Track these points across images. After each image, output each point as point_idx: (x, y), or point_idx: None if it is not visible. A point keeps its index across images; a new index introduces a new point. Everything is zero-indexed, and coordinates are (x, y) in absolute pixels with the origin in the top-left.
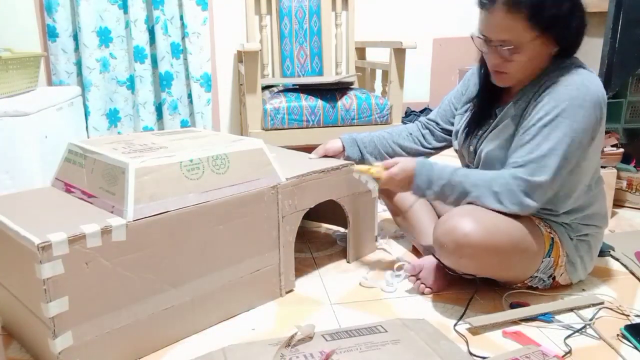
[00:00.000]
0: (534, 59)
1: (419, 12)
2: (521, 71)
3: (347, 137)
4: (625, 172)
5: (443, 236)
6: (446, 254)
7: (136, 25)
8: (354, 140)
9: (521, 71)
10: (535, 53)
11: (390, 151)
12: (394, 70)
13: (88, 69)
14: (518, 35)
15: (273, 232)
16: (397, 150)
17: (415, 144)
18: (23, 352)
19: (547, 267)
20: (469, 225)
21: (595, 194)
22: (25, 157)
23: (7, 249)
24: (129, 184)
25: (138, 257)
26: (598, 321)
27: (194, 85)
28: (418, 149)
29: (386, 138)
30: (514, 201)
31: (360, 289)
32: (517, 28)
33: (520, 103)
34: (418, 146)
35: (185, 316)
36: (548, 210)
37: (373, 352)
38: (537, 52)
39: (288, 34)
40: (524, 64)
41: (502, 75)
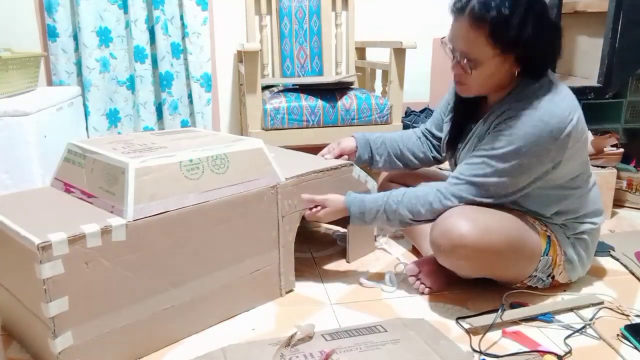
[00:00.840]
0: (493, 76)
1: (419, 12)
2: (481, 85)
3: (360, 137)
4: (625, 172)
5: (439, 238)
6: (443, 256)
7: (136, 25)
8: (367, 140)
9: (481, 85)
10: (494, 70)
11: (399, 154)
12: (394, 70)
13: (88, 68)
14: (478, 50)
15: (273, 232)
16: (405, 155)
17: (424, 151)
18: (23, 352)
19: (546, 266)
20: (464, 226)
21: (585, 195)
22: (25, 157)
23: (7, 249)
24: (128, 184)
25: (138, 257)
26: (598, 321)
27: (194, 85)
28: (427, 156)
29: (397, 141)
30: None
31: (360, 289)
32: (477, 42)
33: (488, 122)
34: (427, 152)
35: (185, 316)
36: (535, 212)
37: (373, 352)
38: (496, 69)
39: (288, 34)
40: (483, 78)
41: (463, 86)
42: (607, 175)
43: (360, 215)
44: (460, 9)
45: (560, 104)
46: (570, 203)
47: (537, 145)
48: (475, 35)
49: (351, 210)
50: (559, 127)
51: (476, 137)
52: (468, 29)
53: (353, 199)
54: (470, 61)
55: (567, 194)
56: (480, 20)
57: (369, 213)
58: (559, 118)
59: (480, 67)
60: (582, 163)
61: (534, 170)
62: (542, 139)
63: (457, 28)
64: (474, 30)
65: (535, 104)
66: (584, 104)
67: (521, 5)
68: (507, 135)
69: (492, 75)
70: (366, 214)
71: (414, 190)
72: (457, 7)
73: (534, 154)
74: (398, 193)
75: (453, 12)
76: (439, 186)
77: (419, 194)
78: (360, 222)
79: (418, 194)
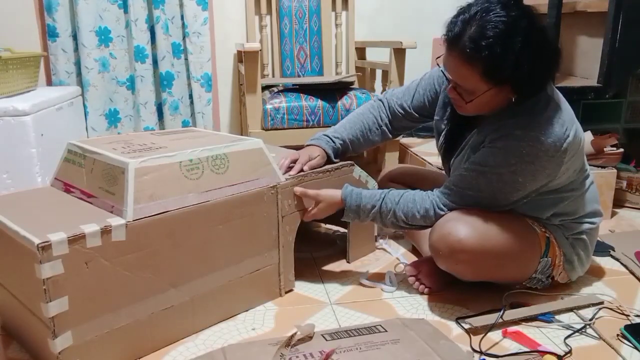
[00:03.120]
0: (490, 103)
1: (419, 12)
2: (477, 110)
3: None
4: (625, 172)
5: (438, 242)
6: (442, 260)
7: (137, 25)
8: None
9: (477, 110)
10: (490, 99)
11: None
12: (394, 70)
13: (86, 68)
14: (472, 85)
15: (273, 232)
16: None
17: (384, 136)
18: (23, 352)
19: (545, 267)
20: (463, 231)
21: (582, 195)
22: (25, 157)
23: (7, 249)
24: (128, 183)
25: (138, 257)
26: (598, 321)
27: (194, 85)
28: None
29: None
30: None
31: (360, 289)
32: (471, 79)
33: (482, 134)
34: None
35: (185, 316)
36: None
37: (373, 352)
38: (492, 98)
39: (288, 34)
40: (479, 106)
41: (460, 107)
42: (607, 175)
43: (355, 209)
44: (453, 42)
45: (556, 121)
46: (566, 205)
47: (533, 164)
48: (468, 72)
49: (347, 202)
50: (555, 145)
51: (469, 148)
52: (460, 65)
53: (350, 192)
54: (465, 91)
55: (563, 196)
56: (473, 59)
57: (364, 208)
58: (556, 136)
59: (475, 97)
60: (577, 170)
61: (528, 187)
62: (538, 158)
63: (450, 60)
64: (466, 66)
65: (532, 122)
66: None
67: (516, 41)
68: (502, 151)
69: (487, 103)
70: (361, 208)
71: (412, 194)
72: (450, 38)
73: (529, 172)
74: (395, 193)
75: (446, 41)
76: (435, 194)
77: (417, 198)
78: (354, 216)
79: (415, 198)
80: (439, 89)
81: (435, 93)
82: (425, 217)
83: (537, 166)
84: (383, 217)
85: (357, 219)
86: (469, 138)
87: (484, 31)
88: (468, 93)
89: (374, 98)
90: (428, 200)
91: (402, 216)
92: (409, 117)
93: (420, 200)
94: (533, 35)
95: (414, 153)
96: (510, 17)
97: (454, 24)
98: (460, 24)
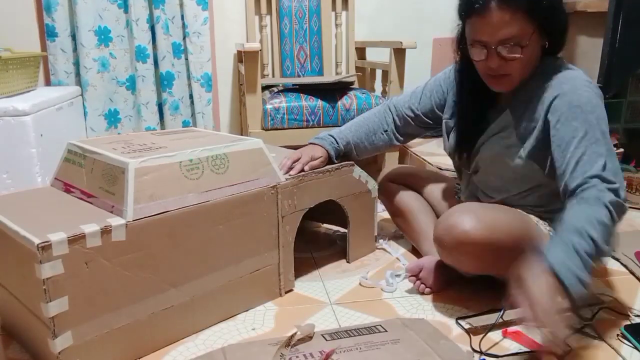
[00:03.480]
0: (532, 57)
1: (419, 12)
2: (522, 70)
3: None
4: (625, 172)
5: (443, 234)
6: (447, 252)
7: (138, 25)
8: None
9: (522, 70)
10: (535, 48)
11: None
12: (394, 70)
13: (85, 68)
14: (519, 30)
15: (273, 232)
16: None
17: (390, 141)
18: (23, 352)
19: None
20: (469, 223)
21: None
22: (25, 157)
23: (7, 249)
24: (128, 183)
25: (138, 257)
26: (598, 321)
27: (194, 85)
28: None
29: (363, 140)
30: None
31: (360, 289)
32: (517, 23)
33: (517, 109)
34: (392, 142)
35: (185, 316)
36: (539, 208)
37: (373, 352)
38: (534, 48)
39: (288, 34)
40: (525, 61)
41: (503, 78)
42: None
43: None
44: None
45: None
46: None
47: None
48: (514, 17)
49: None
50: (597, 89)
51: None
52: (502, 15)
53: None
54: (511, 46)
55: None
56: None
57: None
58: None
59: (524, 47)
60: None
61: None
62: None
63: (488, 19)
64: (510, 12)
65: (570, 73)
66: None
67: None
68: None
69: (532, 56)
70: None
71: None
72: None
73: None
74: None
75: (473, 11)
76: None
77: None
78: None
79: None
80: (447, 89)
81: (442, 94)
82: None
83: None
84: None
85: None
86: (499, 120)
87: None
88: (515, 47)
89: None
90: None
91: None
92: (417, 121)
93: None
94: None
95: (414, 153)
96: None
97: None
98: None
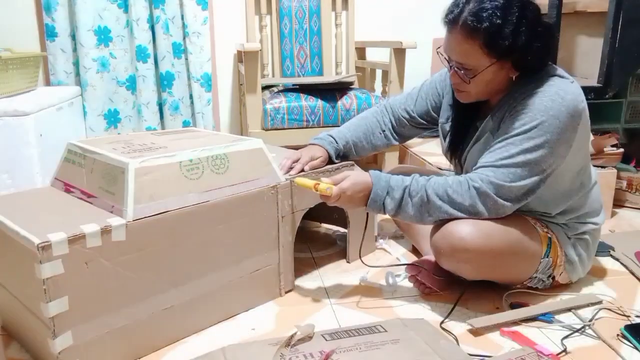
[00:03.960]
0: (492, 81)
1: (419, 12)
2: (479, 91)
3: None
4: (625, 172)
5: (440, 240)
6: (443, 259)
7: (138, 25)
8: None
9: (479, 91)
10: (492, 76)
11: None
12: (394, 70)
13: (84, 68)
14: (474, 60)
15: (273, 232)
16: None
17: (387, 141)
18: (23, 352)
19: (546, 267)
20: (465, 229)
21: (588, 193)
22: (25, 157)
23: (7, 249)
24: (128, 183)
25: (138, 257)
26: (598, 321)
27: (194, 85)
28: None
29: (362, 140)
30: (490, 203)
31: (360, 289)
32: (473, 53)
33: (498, 116)
34: (390, 142)
35: (185, 316)
36: (541, 212)
37: (373, 352)
38: (494, 75)
39: (288, 34)
40: (482, 85)
41: (462, 93)
42: (607, 175)
43: (382, 190)
44: (453, 21)
45: (570, 84)
46: (574, 202)
47: (557, 119)
48: (470, 47)
49: (375, 183)
50: (574, 103)
51: (488, 131)
52: (462, 41)
53: (378, 174)
54: (467, 70)
55: (572, 190)
56: (474, 32)
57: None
58: (573, 95)
59: (478, 76)
60: (582, 163)
61: (555, 149)
62: (560, 113)
63: (451, 40)
64: (468, 41)
65: (547, 83)
66: None
67: (513, 13)
68: (526, 112)
69: (490, 81)
70: (391, 189)
71: (439, 177)
72: (449, 19)
73: (555, 128)
74: (421, 178)
75: (446, 23)
76: (467, 175)
77: (447, 180)
78: (380, 201)
79: (447, 180)
80: (442, 92)
81: (437, 97)
82: (457, 192)
83: (560, 122)
84: (413, 199)
85: (381, 207)
86: (483, 125)
87: (482, 4)
88: (470, 72)
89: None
90: (460, 178)
91: (433, 195)
92: (413, 123)
93: (451, 180)
94: (527, 10)
95: (414, 153)
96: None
97: (453, 6)
98: (460, 4)
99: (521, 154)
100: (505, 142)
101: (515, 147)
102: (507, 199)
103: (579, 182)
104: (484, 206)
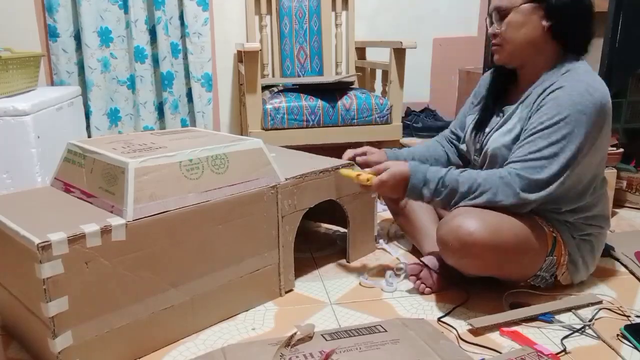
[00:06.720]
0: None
1: (419, 12)
2: (514, 44)
3: (390, 154)
4: (625, 172)
5: (447, 235)
6: (450, 253)
7: (136, 26)
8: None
9: (514, 44)
10: (524, 19)
11: None
12: (394, 70)
13: (90, 68)
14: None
15: (273, 231)
16: None
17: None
18: (23, 352)
19: (550, 265)
20: (473, 224)
21: (599, 195)
22: (25, 156)
23: (7, 249)
24: (128, 183)
25: (138, 256)
26: (598, 321)
27: (194, 84)
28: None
29: (424, 156)
30: (511, 194)
31: (360, 289)
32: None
33: (526, 104)
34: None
35: (185, 316)
36: (551, 208)
37: (373, 352)
38: (527, 19)
39: (288, 34)
40: (515, 32)
41: (497, 48)
42: (607, 175)
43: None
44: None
45: (600, 82)
46: (586, 202)
47: (584, 114)
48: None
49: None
50: (601, 101)
51: (514, 119)
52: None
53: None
54: (503, 12)
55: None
56: None
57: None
58: (601, 93)
59: (511, 15)
60: (600, 163)
61: (580, 144)
62: (587, 109)
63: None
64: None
65: (578, 79)
66: None
67: None
68: (554, 106)
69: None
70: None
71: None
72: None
73: (581, 123)
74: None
75: None
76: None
77: (480, 173)
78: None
79: (479, 173)
80: (475, 101)
81: (472, 106)
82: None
83: (587, 118)
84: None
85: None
86: (512, 111)
87: None
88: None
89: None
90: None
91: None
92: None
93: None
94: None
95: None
96: None
97: None
98: None
99: (548, 147)
100: (534, 136)
101: (543, 140)
102: (532, 191)
103: (595, 181)
104: (512, 198)
